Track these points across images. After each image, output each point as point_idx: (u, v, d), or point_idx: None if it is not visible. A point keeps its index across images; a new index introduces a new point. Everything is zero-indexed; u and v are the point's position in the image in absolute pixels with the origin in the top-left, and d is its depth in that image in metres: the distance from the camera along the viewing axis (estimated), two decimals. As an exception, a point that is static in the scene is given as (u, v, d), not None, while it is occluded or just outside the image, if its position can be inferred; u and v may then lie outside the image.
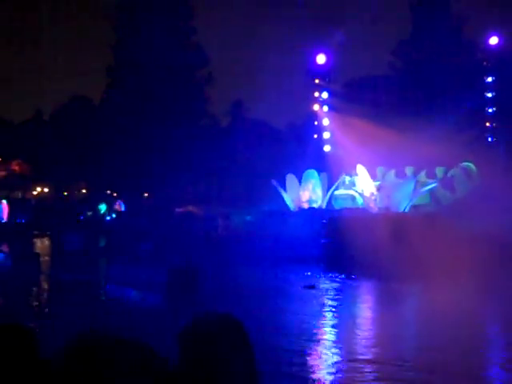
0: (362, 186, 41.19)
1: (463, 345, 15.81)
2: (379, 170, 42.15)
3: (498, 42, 45.45)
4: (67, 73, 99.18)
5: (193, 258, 31.01)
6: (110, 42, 62.58)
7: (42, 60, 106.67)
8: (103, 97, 64.26)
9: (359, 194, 40.61)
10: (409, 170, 41.48)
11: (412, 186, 39.43)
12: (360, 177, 41.02)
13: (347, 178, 42.91)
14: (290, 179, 44.36)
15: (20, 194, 69.53)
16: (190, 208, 43.64)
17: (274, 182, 43.40)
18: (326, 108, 48.01)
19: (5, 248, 37.67)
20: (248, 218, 39.53)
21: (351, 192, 41.35)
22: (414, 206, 38.70)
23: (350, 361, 14.97)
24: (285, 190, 44.17)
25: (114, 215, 59.95)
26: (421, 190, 39.78)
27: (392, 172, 41.66)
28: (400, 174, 41.62)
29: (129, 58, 59.69)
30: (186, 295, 24.19)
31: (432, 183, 40.40)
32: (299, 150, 47.00)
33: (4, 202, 64.43)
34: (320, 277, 30.72)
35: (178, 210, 43.33)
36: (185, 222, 39.42)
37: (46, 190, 70.70)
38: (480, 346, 16.06)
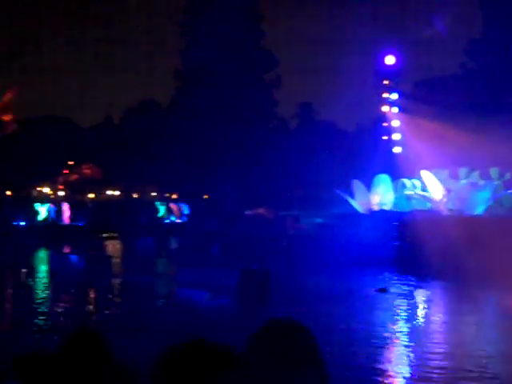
0: (431, 189, 40.49)
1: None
2: (462, 172, 41.14)
3: None
4: (136, 77, 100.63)
5: (263, 260, 30.96)
6: (179, 46, 63.22)
7: (112, 65, 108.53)
8: (172, 100, 64.88)
9: (427, 197, 39.92)
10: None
11: (490, 188, 38.56)
12: (426, 181, 40.34)
13: (406, 181, 42.22)
14: (357, 184, 43.88)
15: (91, 197, 70.73)
16: (260, 210, 43.63)
17: (338, 191, 43.03)
18: (395, 109, 47.37)
19: (75, 250, 38.27)
20: (318, 220, 39.26)
21: (421, 193, 40.66)
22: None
23: (421, 368, 14.66)
24: (351, 194, 43.74)
25: (173, 218, 60.81)
26: (501, 193, 38.82)
27: (476, 173, 40.69)
28: (484, 176, 40.65)
29: (197, 61, 60.17)
30: (257, 297, 24.11)
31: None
32: (368, 151, 46.48)
33: (65, 204, 65.93)
34: (392, 280, 30.25)
35: (247, 212, 43.38)
36: (254, 225, 39.41)
37: (116, 192, 71.77)
38: None
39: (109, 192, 71.79)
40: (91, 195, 69.81)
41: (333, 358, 12.45)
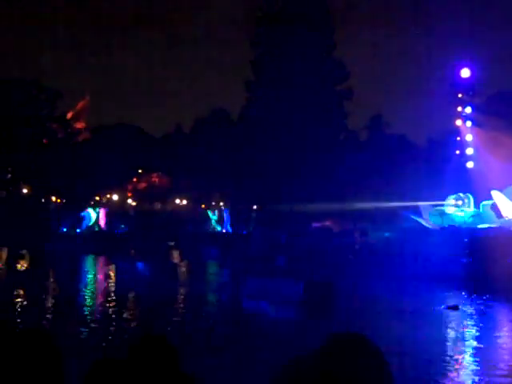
0: (503, 209, 39.38)
1: None
2: None
3: None
4: (207, 88, 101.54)
5: (329, 273, 30.57)
6: (250, 57, 63.34)
7: (182, 75, 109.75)
8: (242, 112, 65.01)
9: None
10: None
11: None
12: (497, 201, 39.23)
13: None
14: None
15: (159, 206, 71.46)
16: (328, 223, 43.18)
17: (411, 215, 42.26)
18: (469, 123, 46.38)
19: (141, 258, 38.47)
20: (387, 234, 38.60)
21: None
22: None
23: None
24: (418, 210, 42.98)
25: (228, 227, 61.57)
26: None
27: None
28: None
29: (268, 72, 60.19)
30: (321, 310, 23.77)
31: None
32: (440, 166, 45.59)
33: (102, 210, 67.27)
34: (462, 298, 29.38)
35: (315, 224, 42.98)
36: (322, 237, 39.02)
37: (184, 202, 72.27)
38: None
39: (176, 201, 72.36)
40: (158, 204, 70.69)
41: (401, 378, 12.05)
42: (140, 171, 73.86)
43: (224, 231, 66.89)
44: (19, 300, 26.10)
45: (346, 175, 51.23)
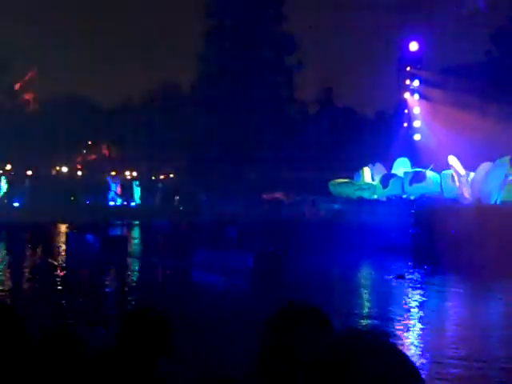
0: (456, 175, 39.95)
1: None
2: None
3: None
4: (159, 60, 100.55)
5: (279, 244, 30.88)
6: (201, 30, 62.96)
7: (133, 47, 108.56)
8: (194, 85, 64.67)
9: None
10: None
11: (502, 175, 37.84)
12: (452, 167, 39.82)
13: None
14: (379, 168, 43.58)
15: (110, 177, 70.96)
16: (277, 194, 43.43)
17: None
18: (417, 96, 47.00)
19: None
20: (335, 205, 39.02)
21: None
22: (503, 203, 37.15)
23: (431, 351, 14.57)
24: (373, 177, 43.50)
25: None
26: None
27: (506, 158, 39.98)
28: None
29: (219, 45, 59.95)
30: (271, 281, 24.06)
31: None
32: (388, 138, 46.19)
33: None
34: (409, 267, 30.08)
35: (264, 196, 43.20)
36: (271, 209, 39.28)
37: (134, 173, 71.91)
38: None
39: (127, 173, 71.95)
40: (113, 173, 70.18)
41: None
42: (89, 143, 73.17)
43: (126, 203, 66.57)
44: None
45: (296, 147, 51.55)
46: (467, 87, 45.47)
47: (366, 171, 42.96)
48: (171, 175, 68.88)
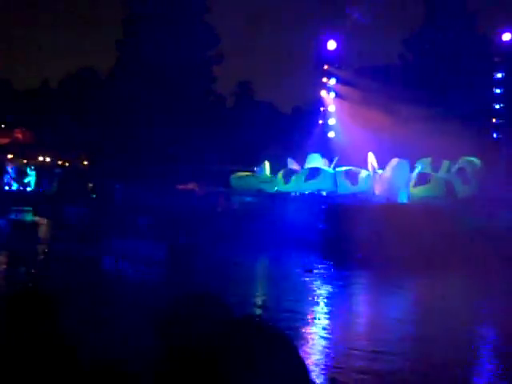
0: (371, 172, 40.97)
1: (454, 336, 15.89)
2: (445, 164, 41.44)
3: (510, 39, 45.24)
4: (77, 45, 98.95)
5: (191, 236, 31.04)
6: (121, 16, 62.33)
7: (52, 32, 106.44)
8: (111, 70, 64.01)
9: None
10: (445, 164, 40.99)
11: (407, 174, 39.19)
12: (370, 164, 40.87)
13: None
14: (290, 163, 44.16)
15: (23, 162, 69.45)
16: (191, 185, 43.47)
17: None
18: (333, 94, 47.85)
19: None
20: (248, 199, 39.37)
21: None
22: (422, 198, 38.37)
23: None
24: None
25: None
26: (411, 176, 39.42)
27: (428, 160, 41.23)
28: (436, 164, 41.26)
29: (138, 32, 59.45)
30: (182, 272, 24.23)
31: (416, 168, 40.33)
32: (303, 134, 46.88)
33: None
34: (317, 262, 30.72)
35: (179, 186, 43.15)
36: (185, 199, 39.33)
37: (47, 159, 70.59)
38: (467, 337, 16.11)
39: (40, 158, 70.56)
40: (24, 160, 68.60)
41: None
42: (2, 126, 71.41)
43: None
44: None
45: (211, 138, 51.74)
46: (381, 88, 46.63)
47: (267, 165, 43.45)
48: (85, 162, 67.94)
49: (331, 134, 47.03)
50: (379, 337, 16.10)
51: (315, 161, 43.11)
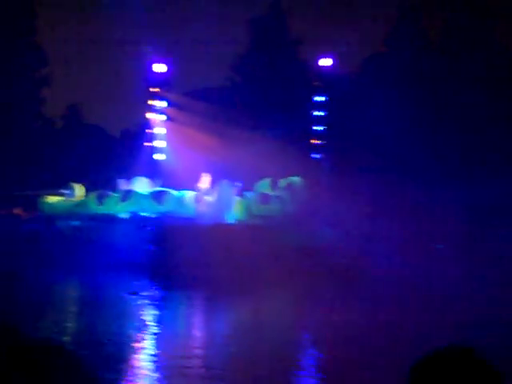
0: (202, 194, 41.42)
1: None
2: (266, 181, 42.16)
3: (330, 64, 47.60)
4: None
5: (17, 262, 30.26)
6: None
7: None
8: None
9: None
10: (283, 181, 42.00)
11: (231, 195, 40.18)
12: (202, 185, 41.36)
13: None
14: (121, 184, 43.65)
15: None
16: (16, 210, 42.19)
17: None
18: (162, 117, 48.08)
19: None
20: (74, 222, 38.67)
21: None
22: (256, 217, 39.29)
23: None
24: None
25: None
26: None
27: (267, 181, 42.04)
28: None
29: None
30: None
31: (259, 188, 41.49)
32: (132, 157, 46.72)
33: None
34: (143, 284, 30.79)
35: (1, 211, 41.73)
36: (8, 224, 38.09)
37: None
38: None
39: None
40: None
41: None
42: None
43: None
44: None
45: (37, 163, 50.61)
46: (211, 110, 47.58)
47: (78, 187, 42.54)
48: None
49: (160, 157, 47.16)
50: (206, 354, 16.59)
51: (141, 183, 42.90)
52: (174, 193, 41.03)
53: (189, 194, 40.88)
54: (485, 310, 22.01)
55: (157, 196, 40.23)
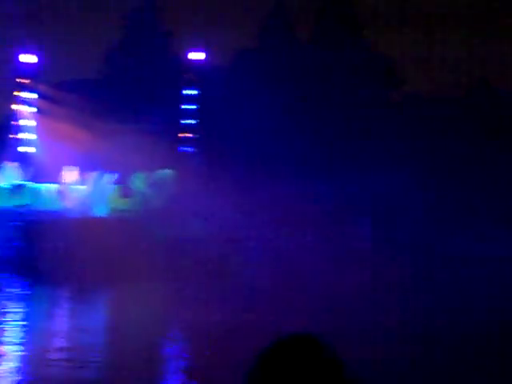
0: (67, 188, 40.80)
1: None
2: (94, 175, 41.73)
3: (202, 58, 47.97)
4: None
5: None
6: None
7: None
8: None
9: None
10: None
11: (104, 188, 39.95)
12: (63, 178, 40.73)
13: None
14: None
15: None
16: None
17: None
18: (31, 109, 46.86)
19: None
20: None
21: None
22: (120, 211, 39.09)
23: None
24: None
25: None
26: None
27: (142, 174, 41.70)
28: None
29: None
30: None
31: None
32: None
33: None
34: (9, 279, 30.26)
35: None
36: None
37: None
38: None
39: None
40: None
41: None
42: None
43: None
44: None
45: None
46: (81, 102, 46.85)
47: None
48: None
49: (28, 149, 45.96)
50: (70, 346, 16.73)
51: (7, 176, 41.63)
52: (34, 186, 40.27)
53: (51, 187, 40.13)
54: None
55: (16, 189, 39.33)
